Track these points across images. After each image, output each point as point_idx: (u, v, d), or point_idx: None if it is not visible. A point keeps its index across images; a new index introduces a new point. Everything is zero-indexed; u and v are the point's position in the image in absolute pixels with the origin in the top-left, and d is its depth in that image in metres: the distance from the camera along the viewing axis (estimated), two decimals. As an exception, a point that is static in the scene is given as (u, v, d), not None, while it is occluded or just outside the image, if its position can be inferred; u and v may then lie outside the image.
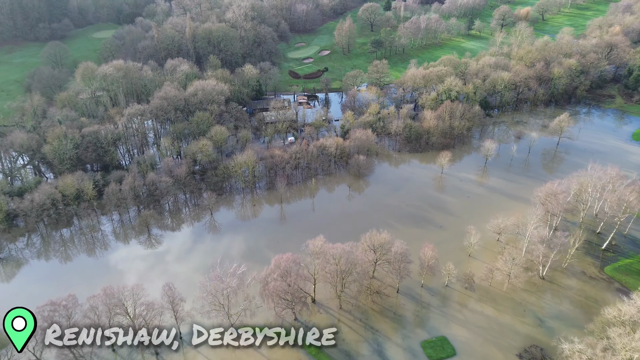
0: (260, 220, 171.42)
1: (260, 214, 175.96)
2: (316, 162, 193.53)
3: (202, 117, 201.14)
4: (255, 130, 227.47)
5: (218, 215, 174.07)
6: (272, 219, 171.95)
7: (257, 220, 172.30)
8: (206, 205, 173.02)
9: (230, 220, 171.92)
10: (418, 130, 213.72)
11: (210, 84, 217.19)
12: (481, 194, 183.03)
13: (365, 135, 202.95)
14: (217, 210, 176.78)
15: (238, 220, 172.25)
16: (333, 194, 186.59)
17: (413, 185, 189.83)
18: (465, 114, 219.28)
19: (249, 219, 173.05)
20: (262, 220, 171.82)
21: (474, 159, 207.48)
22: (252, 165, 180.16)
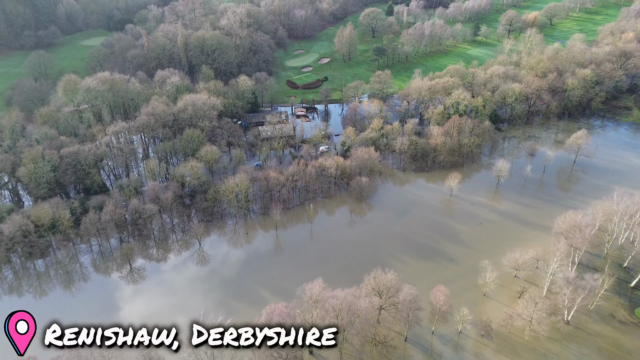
0: (254, 251, 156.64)
1: (253, 242, 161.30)
2: (315, 183, 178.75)
3: (191, 134, 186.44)
4: (250, 146, 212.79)
5: (208, 244, 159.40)
6: (267, 250, 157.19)
7: (250, 250, 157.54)
8: (195, 234, 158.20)
9: (220, 251, 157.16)
10: (424, 147, 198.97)
11: (201, 98, 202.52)
12: (494, 220, 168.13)
13: (368, 153, 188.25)
14: (207, 235, 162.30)
15: (229, 250, 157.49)
16: (333, 219, 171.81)
17: (420, 209, 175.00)
18: (474, 130, 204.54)
19: (241, 249, 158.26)
20: (255, 250, 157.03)
21: (484, 179, 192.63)
22: (245, 189, 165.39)
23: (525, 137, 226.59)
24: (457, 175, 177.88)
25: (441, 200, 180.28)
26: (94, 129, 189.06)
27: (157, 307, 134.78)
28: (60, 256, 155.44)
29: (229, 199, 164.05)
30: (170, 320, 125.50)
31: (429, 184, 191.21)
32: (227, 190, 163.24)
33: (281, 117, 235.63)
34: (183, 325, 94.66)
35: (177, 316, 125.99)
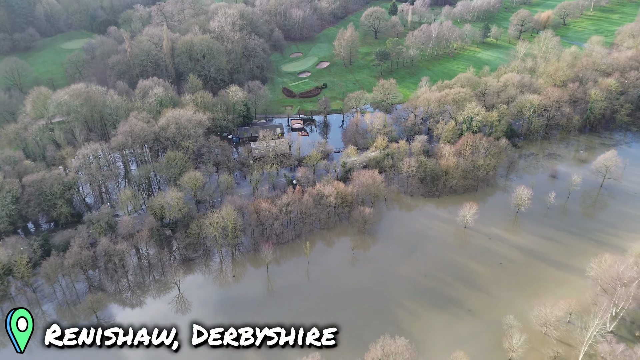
0: (241, 299, 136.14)
1: (241, 285, 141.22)
2: (312, 214, 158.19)
3: (173, 157, 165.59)
4: (241, 166, 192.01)
5: (190, 287, 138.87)
6: (256, 297, 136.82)
7: (237, 295, 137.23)
8: (176, 272, 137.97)
9: (202, 297, 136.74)
10: (434, 170, 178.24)
11: (186, 114, 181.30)
12: (516, 259, 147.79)
13: (372, 178, 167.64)
14: (190, 273, 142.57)
15: (213, 296, 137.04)
16: (332, 255, 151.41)
17: (430, 244, 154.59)
18: (490, 149, 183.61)
19: (227, 295, 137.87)
20: (242, 298, 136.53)
21: (501, 205, 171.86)
22: (232, 223, 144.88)
23: (545, 154, 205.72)
24: (473, 206, 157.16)
25: (454, 233, 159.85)
26: (64, 151, 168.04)
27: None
28: (20, 303, 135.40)
29: (214, 235, 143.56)
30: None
31: (439, 212, 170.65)
32: (212, 225, 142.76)
33: (276, 132, 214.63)
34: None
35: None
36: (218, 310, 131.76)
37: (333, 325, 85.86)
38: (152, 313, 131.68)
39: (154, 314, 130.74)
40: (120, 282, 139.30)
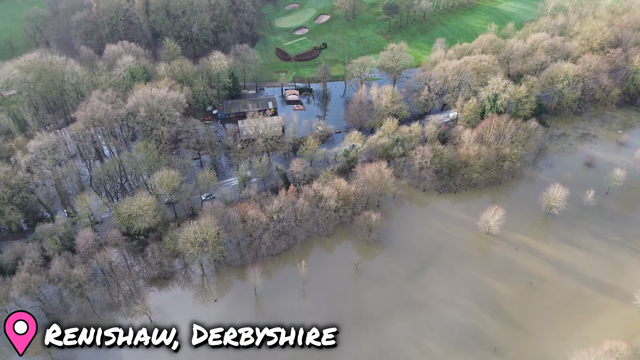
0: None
1: (225, 311, 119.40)
2: (309, 218, 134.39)
3: (143, 149, 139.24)
4: (227, 150, 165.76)
5: (164, 314, 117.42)
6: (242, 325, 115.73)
7: (219, 325, 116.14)
8: (145, 297, 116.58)
9: (178, 325, 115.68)
10: (452, 161, 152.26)
11: (159, 94, 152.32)
12: (548, 277, 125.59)
13: (379, 172, 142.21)
14: (164, 290, 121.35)
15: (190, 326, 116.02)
16: (332, 271, 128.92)
17: (446, 256, 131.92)
18: (517, 135, 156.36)
19: (208, 322, 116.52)
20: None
21: (529, 202, 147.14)
22: (212, 238, 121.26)
23: (577, 134, 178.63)
24: (498, 210, 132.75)
25: (475, 241, 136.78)
26: (13, 143, 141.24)
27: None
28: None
29: (191, 252, 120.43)
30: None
31: (457, 212, 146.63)
32: (188, 240, 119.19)
33: (268, 107, 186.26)
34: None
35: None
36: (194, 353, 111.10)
37: (333, 325, 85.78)
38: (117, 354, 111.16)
39: (117, 354, 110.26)
40: (81, 308, 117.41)
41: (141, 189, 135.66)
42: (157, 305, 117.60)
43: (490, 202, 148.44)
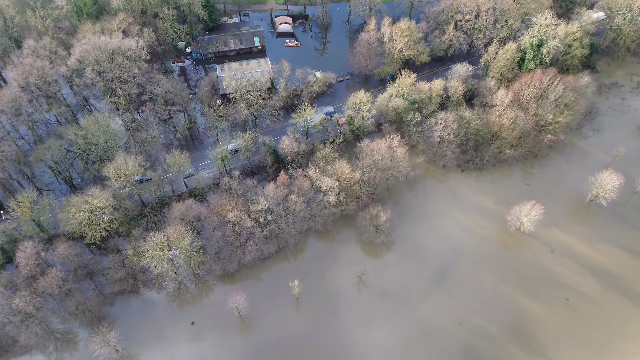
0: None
1: (202, 341, 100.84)
2: (303, 217, 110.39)
3: (91, 126, 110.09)
4: (207, 107, 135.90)
5: (128, 345, 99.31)
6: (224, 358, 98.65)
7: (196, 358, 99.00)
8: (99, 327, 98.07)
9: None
10: (480, 132, 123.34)
11: (110, 44, 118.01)
12: (589, 291, 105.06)
13: (390, 152, 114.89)
14: (130, 312, 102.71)
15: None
16: (331, 281, 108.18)
17: (467, 261, 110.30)
18: (564, 97, 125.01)
19: (181, 356, 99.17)
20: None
21: (568, 183, 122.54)
22: (185, 248, 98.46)
23: (633, 85, 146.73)
24: (537, 207, 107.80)
25: (502, 240, 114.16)
26: None
27: None
28: None
29: (159, 271, 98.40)
30: None
31: (482, 197, 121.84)
32: (152, 257, 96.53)
33: (253, 43, 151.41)
34: None
35: None
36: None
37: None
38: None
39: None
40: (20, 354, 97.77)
41: (94, 182, 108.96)
42: (123, 331, 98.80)
43: (523, 183, 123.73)
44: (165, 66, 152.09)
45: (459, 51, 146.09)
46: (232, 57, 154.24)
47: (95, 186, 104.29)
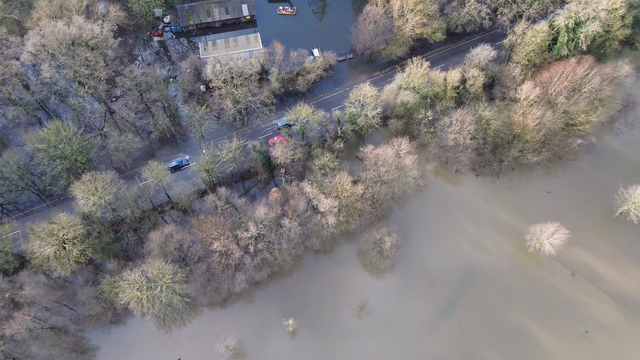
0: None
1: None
2: (299, 241, 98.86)
3: (52, 137, 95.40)
4: (189, 94, 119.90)
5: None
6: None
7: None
8: None
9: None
10: (500, 132, 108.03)
11: (70, 33, 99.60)
12: (610, 321, 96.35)
13: (396, 160, 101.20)
14: (109, 345, 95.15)
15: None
16: (331, 311, 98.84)
17: (479, 286, 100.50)
18: (600, 92, 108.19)
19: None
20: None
21: (595, 191, 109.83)
22: (169, 284, 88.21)
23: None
24: (561, 230, 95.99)
25: (518, 261, 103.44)
26: None
27: None
28: None
29: (140, 310, 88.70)
30: None
31: (498, 208, 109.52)
32: (131, 297, 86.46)
33: (241, 12, 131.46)
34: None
35: None
36: None
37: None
38: None
39: None
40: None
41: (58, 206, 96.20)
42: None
43: (544, 191, 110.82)
44: (143, 39, 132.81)
45: (480, 26, 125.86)
46: (218, 28, 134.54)
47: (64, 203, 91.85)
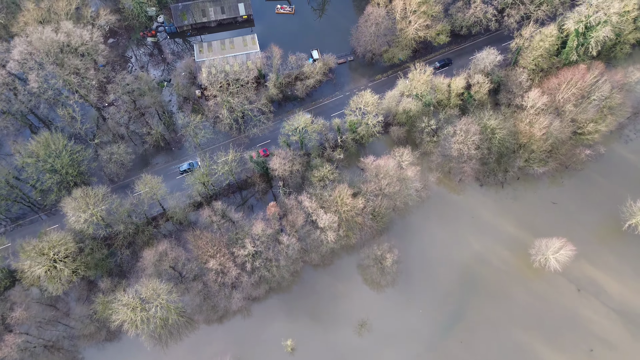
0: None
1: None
2: (297, 256, 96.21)
3: (41, 151, 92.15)
4: (184, 100, 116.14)
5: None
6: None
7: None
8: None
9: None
10: (506, 142, 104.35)
11: (58, 40, 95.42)
12: (616, 341, 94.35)
13: (398, 172, 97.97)
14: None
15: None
16: (330, 330, 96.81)
17: (482, 301, 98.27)
18: (610, 100, 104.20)
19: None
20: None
21: (602, 202, 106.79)
22: (164, 305, 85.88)
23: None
24: (568, 246, 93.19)
25: (523, 275, 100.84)
26: None
27: None
28: None
29: (134, 331, 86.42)
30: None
31: (503, 219, 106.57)
32: (125, 318, 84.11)
33: (238, 12, 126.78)
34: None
35: None
36: None
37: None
38: None
39: None
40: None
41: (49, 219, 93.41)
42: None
43: (550, 201, 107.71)
44: (137, 39, 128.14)
45: (486, 27, 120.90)
46: (213, 28, 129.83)
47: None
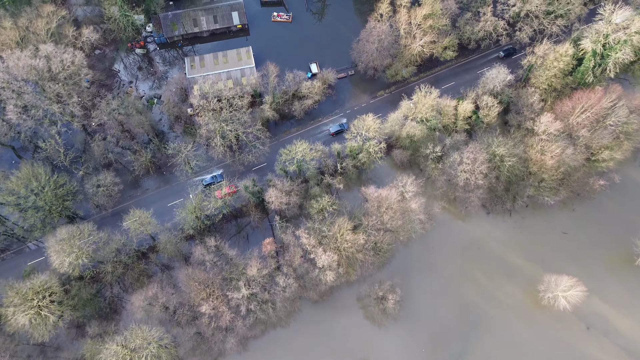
0: None
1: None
2: (295, 297, 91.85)
3: (22, 187, 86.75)
4: (175, 119, 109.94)
5: None
6: None
7: None
8: None
9: None
10: (515, 169, 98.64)
11: (38, 66, 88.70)
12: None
13: (401, 205, 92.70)
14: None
15: None
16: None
17: (487, 342, 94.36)
18: (627, 125, 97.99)
19: None
20: None
21: (614, 233, 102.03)
22: (158, 353, 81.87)
23: None
24: (578, 287, 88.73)
25: (530, 313, 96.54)
26: None
27: None
28: None
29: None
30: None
31: (511, 252, 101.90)
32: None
33: (232, 22, 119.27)
34: None
35: None
36: None
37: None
38: None
39: None
40: None
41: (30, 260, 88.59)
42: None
43: (560, 232, 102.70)
44: (125, 50, 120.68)
45: (496, 41, 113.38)
46: (206, 38, 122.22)
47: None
